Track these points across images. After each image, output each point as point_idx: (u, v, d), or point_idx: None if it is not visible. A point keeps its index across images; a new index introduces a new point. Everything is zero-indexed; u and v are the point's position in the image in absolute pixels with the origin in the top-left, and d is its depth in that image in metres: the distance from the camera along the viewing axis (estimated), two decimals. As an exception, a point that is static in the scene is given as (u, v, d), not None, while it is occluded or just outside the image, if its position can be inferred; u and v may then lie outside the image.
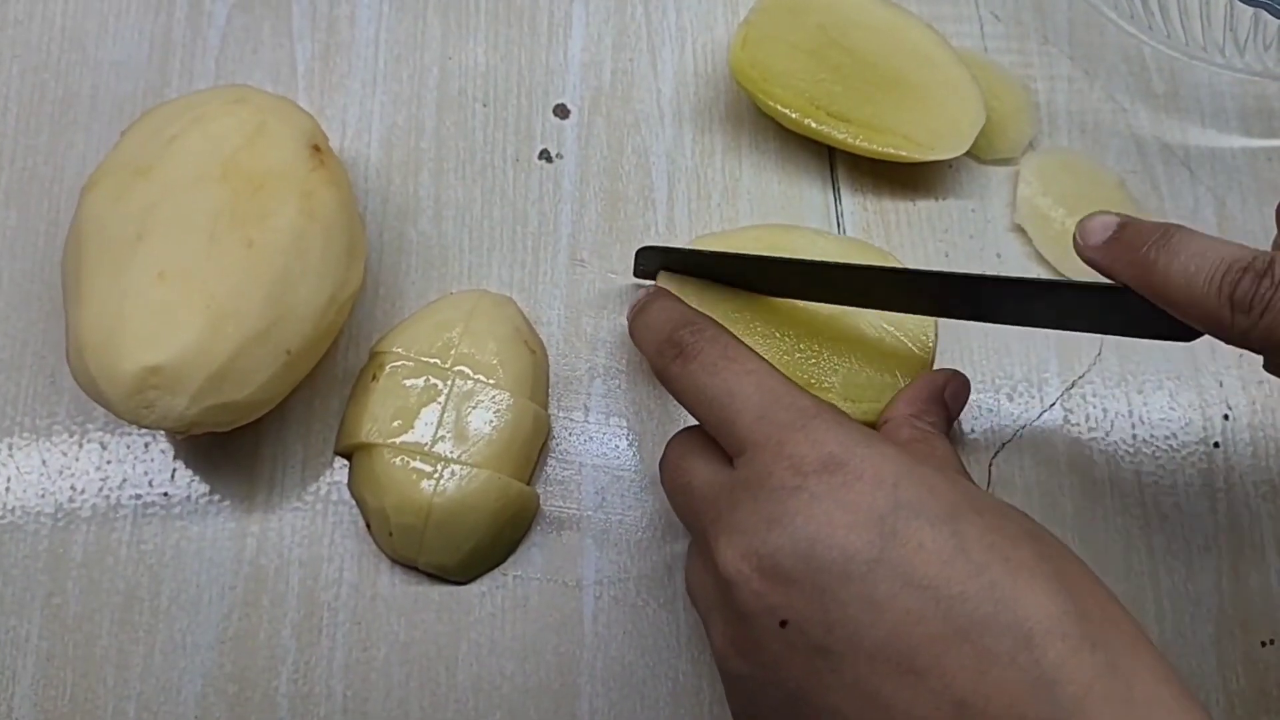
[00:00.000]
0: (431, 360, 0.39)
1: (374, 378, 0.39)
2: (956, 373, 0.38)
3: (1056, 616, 0.25)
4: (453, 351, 0.39)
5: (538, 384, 0.40)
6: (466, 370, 0.39)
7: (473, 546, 0.38)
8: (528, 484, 0.39)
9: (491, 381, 0.38)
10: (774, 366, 0.32)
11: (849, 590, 0.26)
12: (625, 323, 0.42)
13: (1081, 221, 0.33)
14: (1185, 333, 0.32)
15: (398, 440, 0.37)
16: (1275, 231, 0.34)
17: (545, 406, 0.41)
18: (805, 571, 0.27)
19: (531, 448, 0.39)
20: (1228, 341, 0.30)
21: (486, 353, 0.39)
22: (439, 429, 0.38)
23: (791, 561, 0.27)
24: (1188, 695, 0.25)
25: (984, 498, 0.29)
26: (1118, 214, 0.33)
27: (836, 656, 0.27)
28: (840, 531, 0.27)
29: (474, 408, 0.38)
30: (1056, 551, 0.28)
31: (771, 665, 0.28)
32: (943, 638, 0.26)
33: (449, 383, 0.38)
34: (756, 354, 0.32)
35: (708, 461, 0.32)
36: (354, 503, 0.39)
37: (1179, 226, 0.31)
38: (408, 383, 0.38)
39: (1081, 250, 0.33)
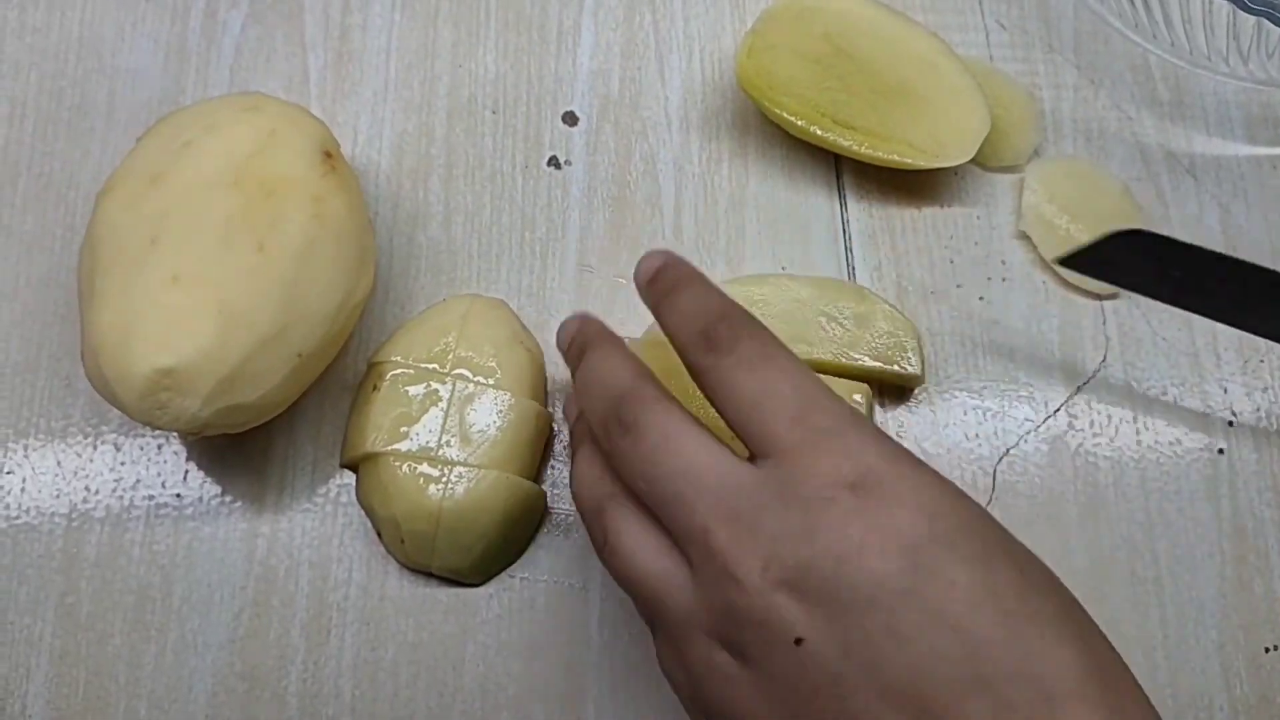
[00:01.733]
0: (430, 366, 0.39)
1: (375, 388, 0.39)
2: None
3: (1078, 677, 0.25)
4: (450, 356, 0.39)
5: (536, 383, 0.40)
6: (466, 373, 0.39)
7: (485, 547, 0.38)
8: (535, 482, 0.40)
9: (491, 383, 0.39)
10: (811, 370, 0.30)
11: (873, 619, 0.25)
12: (628, 330, 0.42)
13: None
14: None
15: (403, 447, 0.38)
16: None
17: (544, 405, 0.41)
18: (831, 591, 0.26)
19: (536, 446, 0.40)
20: None
21: (484, 355, 0.39)
22: (443, 433, 0.38)
23: (818, 579, 0.26)
24: None
25: (1011, 539, 0.28)
26: None
27: (848, 684, 0.25)
28: (873, 556, 0.26)
29: (476, 410, 0.38)
30: (1076, 607, 0.27)
31: (772, 681, 0.27)
32: (963, 682, 0.25)
33: (450, 387, 0.39)
34: (794, 355, 0.30)
35: (715, 450, 0.29)
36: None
37: None
38: (409, 390, 0.39)
39: None
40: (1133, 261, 0.39)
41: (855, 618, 0.25)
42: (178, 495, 0.40)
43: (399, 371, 0.39)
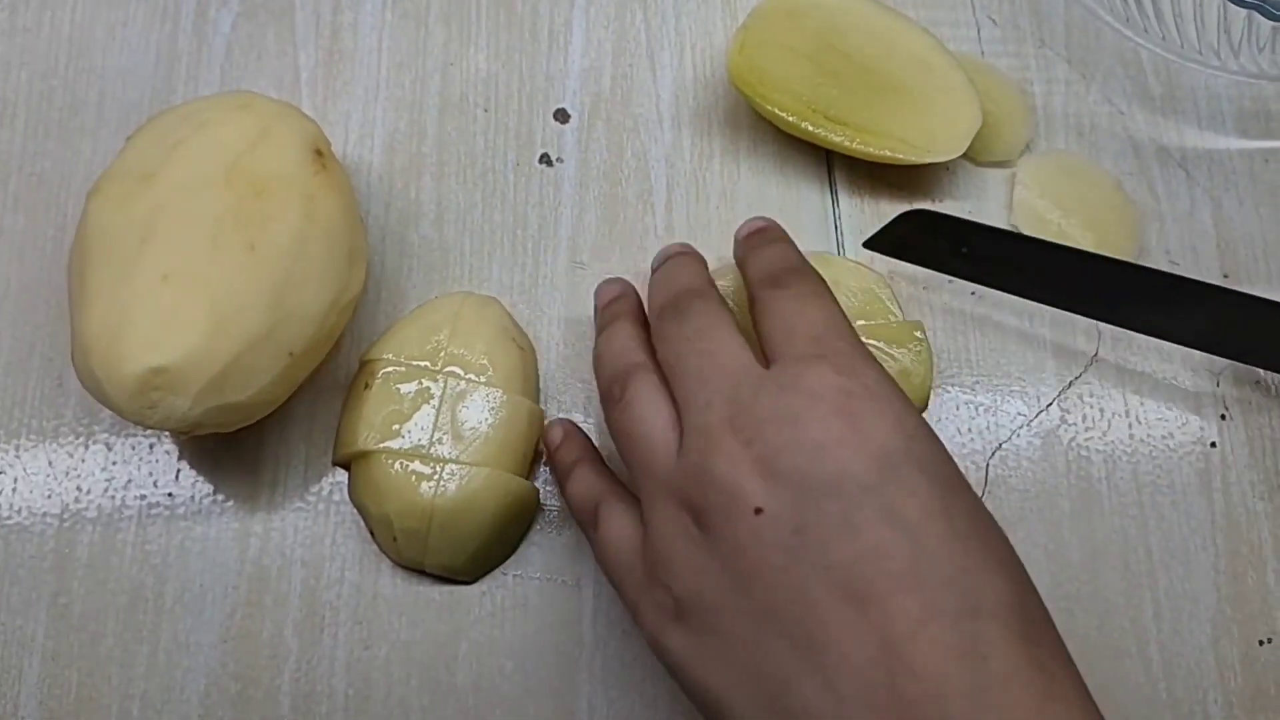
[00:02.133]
0: (422, 364, 0.39)
1: (366, 385, 0.39)
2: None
3: (1008, 605, 0.26)
4: (442, 353, 0.39)
5: (528, 380, 0.40)
6: (457, 371, 0.39)
7: (478, 545, 0.38)
8: (527, 479, 0.40)
9: (483, 380, 0.39)
10: (847, 317, 0.33)
11: (832, 505, 0.27)
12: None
13: None
14: None
15: (395, 445, 0.38)
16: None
17: (537, 402, 0.41)
18: (800, 473, 0.28)
19: (528, 443, 0.40)
20: None
21: (476, 352, 0.39)
22: (435, 431, 0.38)
23: (790, 460, 0.28)
24: (1099, 714, 0.26)
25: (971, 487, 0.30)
26: None
27: (795, 558, 0.27)
28: (847, 451, 0.28)
29: (468, 407, 0.38)
30: (1015, 556, 0.29)
31: (724, 544, 0.28)
32: (900, 579, 0.26)
33: (441, 384, 0.39)
34: (839, 305, 0.34)
35: (741, 347, 0.32)
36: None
37: None
38: (401, 388, 0.39)
39: None
40: (924, 239, 0.42)
41: (815, 500, 0.27)
42: (170, 495, 0.40)
43: (391, 369, 0.39)
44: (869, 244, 0.43)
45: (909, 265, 0.44)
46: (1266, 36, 0.43)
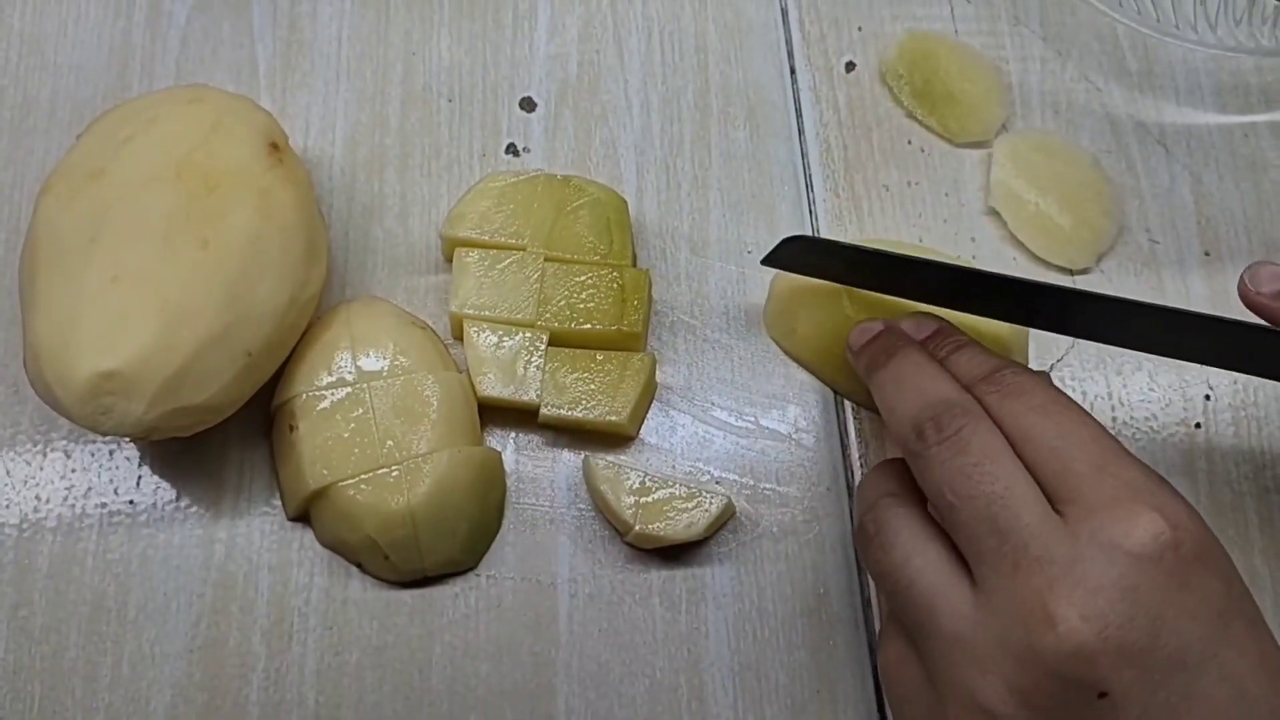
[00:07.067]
0: (335, 379, 0.38)
1: (291, 428, 0.37)
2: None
3: None
4: (353, 366, 0.38)
5: (443, 354, 0.39)
6: (378, 371, 0.38)
7: (469, 526, 0.38)
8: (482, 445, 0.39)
9: (403, 371, 0.38)
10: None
11: (1176, 679, 0.26)
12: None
13: (1251, 267, 0.35)
14: None
15: (349, 469, 0.36)
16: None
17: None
18: (1144, 649, 0.26)
19: (470, 410, 0.39)
20: None
21: (385, 349, 0.38)
22: (381, 438, 0.37)
23: (1136, 635, 0.26)
24: None
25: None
26: None
27: None
28: (1185, 619, 0.27)
29: (404, 402, 0.37)
30: None
31: None
32: None
33: (367, 392, 0.37)
34: (1080, 407, 0.31)
35: (1029, 482, 0.29)
36: (323, 506, 0.39)
37: None
38: (327, 412, 0.37)
39: (1249, 295, 0.34)
40: (808, 258, 0.39)
41: (1161, 678, 0.26)
42: (131, 502, 0.39)
43: (306, 399, 0.37)
44: (766, 261, 0.39)
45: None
46: (1243, 9, 0.42)
